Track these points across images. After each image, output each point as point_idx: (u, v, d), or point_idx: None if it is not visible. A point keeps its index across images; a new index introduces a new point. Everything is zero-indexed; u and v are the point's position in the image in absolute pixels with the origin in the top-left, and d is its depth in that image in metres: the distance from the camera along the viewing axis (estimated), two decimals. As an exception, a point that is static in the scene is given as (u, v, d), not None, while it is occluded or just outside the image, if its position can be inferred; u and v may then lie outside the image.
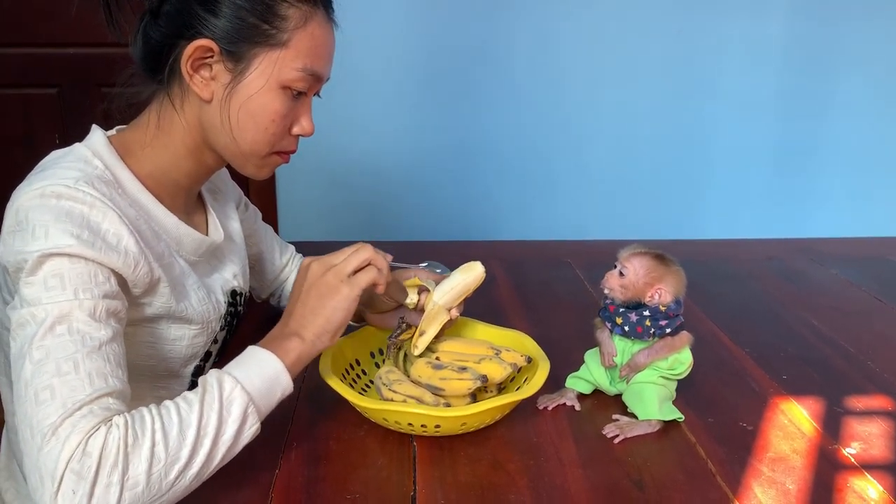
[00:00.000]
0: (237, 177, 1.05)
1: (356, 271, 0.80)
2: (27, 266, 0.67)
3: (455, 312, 0.91)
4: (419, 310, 0.92)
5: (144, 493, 0.62)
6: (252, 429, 0.70)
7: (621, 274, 0.87)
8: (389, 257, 0.83)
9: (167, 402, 0.67)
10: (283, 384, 0.73)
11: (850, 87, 2.28)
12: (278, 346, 0.75)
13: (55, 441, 0.61)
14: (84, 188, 0.70)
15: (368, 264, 0.80)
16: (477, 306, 1.00)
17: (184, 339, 0.84)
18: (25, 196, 0.69)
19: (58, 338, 0.65)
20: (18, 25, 2.08)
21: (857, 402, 0.93)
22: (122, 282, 0.73)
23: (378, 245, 0.82)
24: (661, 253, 0.87)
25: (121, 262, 0.71)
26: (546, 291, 1.30)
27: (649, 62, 2.22)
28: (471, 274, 0.90)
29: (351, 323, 1.07)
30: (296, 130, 0.83)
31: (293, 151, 0.86)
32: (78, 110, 2.16)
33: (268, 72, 0.77)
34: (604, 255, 0.93)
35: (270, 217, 2.25)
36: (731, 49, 2.22)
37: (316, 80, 0.81)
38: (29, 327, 0.65)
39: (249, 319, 1.14)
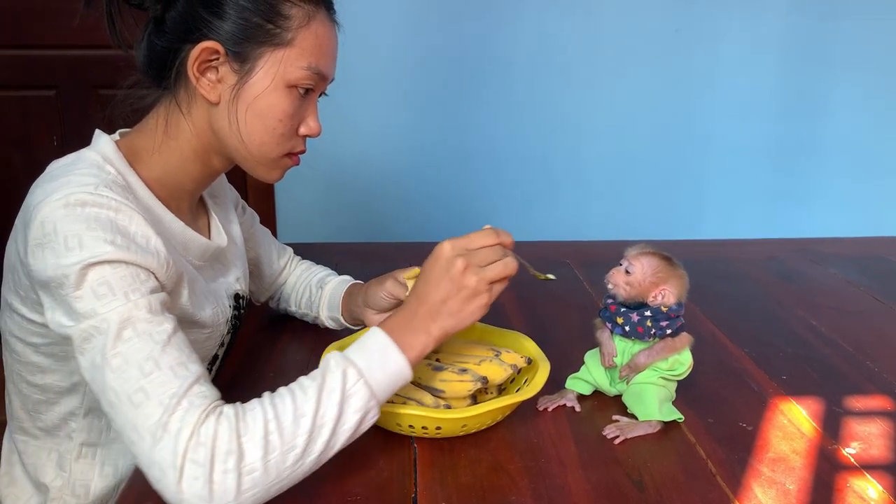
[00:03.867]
0: (234, 179, 1.05)
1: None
2: (70, 280, 0.66)
3: None
4: None
5: (263, 478, 0.63)
6: (371, 420, 0.71)
7: (627, 272, 0.87)
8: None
9: (282, 390, 0.68)
10: (405, 377, 0.73)
11: (849, 86, 2.29)
12: (405, 341, 0.73)
13: (167, 436, 0.62)
14: (106, 193, 0.70)
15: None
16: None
17: (196, 344, 0.83)
18: (49, 207, 0.68)
19: (128, 342, 0.65)
20: (16, 26, 2.08)
21: (857, 402, 0.93)
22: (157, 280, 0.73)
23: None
24: (669, 255, 0.87)
25: (155, 263, 0.72)
26: (545, 292, 1.30)
27: (647, 61, 2.22)
28: None
29: (349, 325, 1.08)
30: (303, 131, 0.84)
31: (302, 152, 0.86)
32: (76, 112, 2.16)
33: (273, 71, 0.77)
34: (603, 256, 0.93)
35: (269, 219, 2.25)
36: (730, 48, 2.22)
37: (321, 80, 0.82)
38: (95, 339, 0.66)
39: (248, 321, 1.14)
